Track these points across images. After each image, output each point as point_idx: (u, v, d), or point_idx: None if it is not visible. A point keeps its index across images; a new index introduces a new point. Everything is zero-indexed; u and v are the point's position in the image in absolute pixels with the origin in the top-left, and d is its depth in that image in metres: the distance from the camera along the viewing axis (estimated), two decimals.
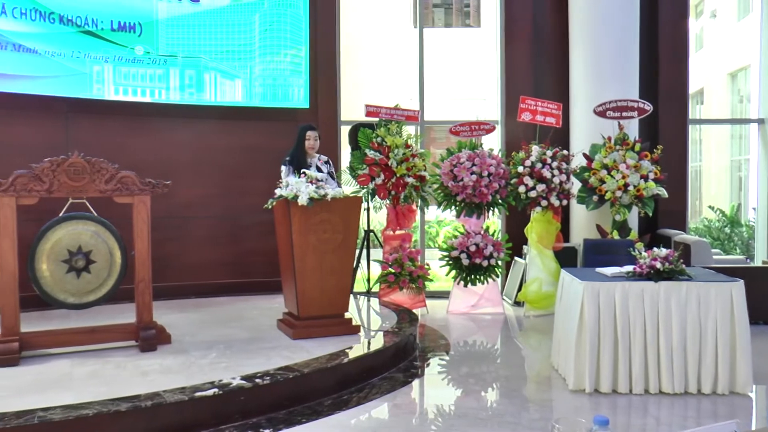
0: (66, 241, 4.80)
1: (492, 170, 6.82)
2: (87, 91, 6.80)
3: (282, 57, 7.53)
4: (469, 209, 6.96)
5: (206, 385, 3.92)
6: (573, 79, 7.85)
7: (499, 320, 6.89)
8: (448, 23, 11.82)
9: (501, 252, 7.09)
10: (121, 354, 4.77)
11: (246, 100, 7.45)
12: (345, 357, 4.62)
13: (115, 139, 6.90)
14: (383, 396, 4.42)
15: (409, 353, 5.33)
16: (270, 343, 5.03)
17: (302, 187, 4.96)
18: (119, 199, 4.88)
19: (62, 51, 6.65)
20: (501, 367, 5.31)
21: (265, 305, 6.56)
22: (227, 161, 7.51)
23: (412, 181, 6.80)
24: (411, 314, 6.02)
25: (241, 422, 3.84)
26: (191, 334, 5.41)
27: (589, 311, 4.36)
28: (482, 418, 4.03)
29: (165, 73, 7.11)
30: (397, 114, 7.16)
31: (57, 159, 4.70)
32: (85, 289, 4.88)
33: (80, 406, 3.57)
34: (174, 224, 7.14)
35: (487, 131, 7.36)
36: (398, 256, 6.86)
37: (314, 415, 4.02)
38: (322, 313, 5.20)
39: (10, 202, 4.58)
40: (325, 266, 5.13)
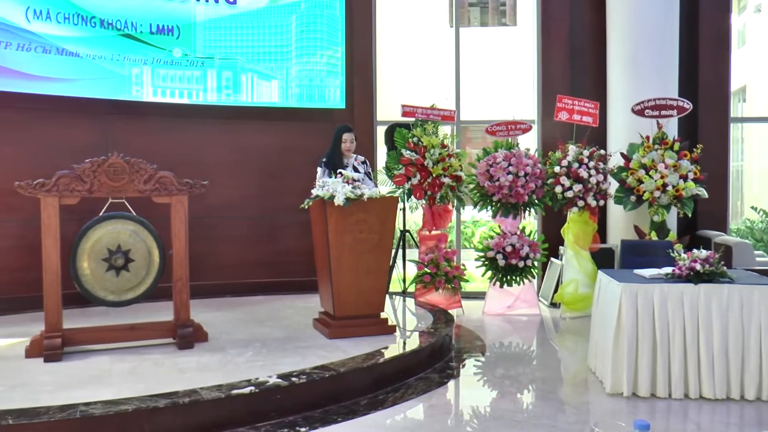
0: (106, 240, 4.89)
1: (528, 170, 6.77)
2: (126, 93, 6.92)
3: (318, 58, 7.57)
4: (506, 209, 6.91)
5: (243, 383, 3.96)
6: (610, 77, 7.75)
7: (535, 322, 6.84)
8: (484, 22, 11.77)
9: (537, 253, 7.03)
10: (159, 351, 4.84)
11: (282, 101, 7.50)
12: (381, 357, 4.62)
13: (153, 140, 7.00)
14: (419, 396, 4.41)
15: (445, 354, 5.32)
16: (306, 342, 5.06)
17: (339, 187, 4.98)
18: (157, 199, 4.95)
19: (102, 54, 6.78)
20: (537, 369, 5.26)
21: (301, 305, 6.60)
22: (264, 162, 7.57)
23: (448, 181, 6.79)
24: (447, 315, 6.00)
25: (277, 420, 3.86)
26: (228, 332, 5.46)
27: (627, 313, 4.29)
28: (518, 420, 3.99)
29: (202, 74, 7.20)
30: (433, 114, 7.16)
31: (97, 160, 4.78)
32: (124, 287, 4.96)
33: (120, 402, 3.64)
34: (211, 224, 7.23)
35: (524, 131, 7.30)
36: (434, 256, 6.84)
37: (350, 414, 4.03)
38: (358, 312, 5.21)
39: (53, 202, 4.68)
40: (361, 266, 5.13)
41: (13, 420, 3.40)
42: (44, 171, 4.95)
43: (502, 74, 9.69)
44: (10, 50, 6.35)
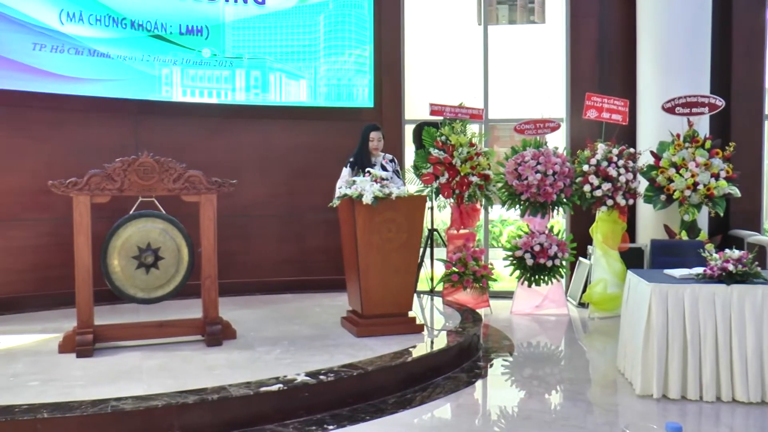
0: (136, 238, 4.94)
1: (557, 169, 6.72)
2: (156, 93, 7.00)
3: (346, 57, 7.59)
4: (534, 208, 6.87)
5: (271, 381, 3.98)
6: (640, 74, 7.66)
7: (564, 322, 6.79)
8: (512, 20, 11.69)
9: (565, 252, 6.97)
10: (188, 348, 4.88)
11: (311, 100, 7.53)
12: (408, 356, 4.62)
13: (182, 140, 7.07)
14: (446, 396, 4.40)
15: (473, 353, 5.30)
16: (334, 341, 5.08)
17: (367, 186, 4.98)
18: (187, 198, 5.00)
19: (133, 55, 6.86)
20: (565, 370, 5.22)
21: (329, 303, 6.62)
22: (292, 161, 7.60)
23: (476, 180, 6.77)
24: (474, 314, 5.98)
25: (305, 418, 3.88)
26: (256, 330, 5.49)
27: (657, 314, 4.24)
28: (546, 421, 3.97)
29: (231, 74, 7.25)
30: (461, 112, 7.14)
31: (128, 159, 4.84)
32: (154, 284, 5.01)
33: (150, 398, 3.69)
34: (240, 222, 7.28)
35: (552, 129, 7.25)
36: (462, 255, 6.82)
37: (378, 413, 4.03)
38: (385, 311, 5.20)
39: (85, 201, 4.74)
40: (389, 265, 5.13)
41: (48, 413, 3.46)
42: (76, 170, 5.03)
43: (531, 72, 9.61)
44: (44, 52, 6.45)
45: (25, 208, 6.58)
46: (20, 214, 6.58)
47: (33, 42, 6.41)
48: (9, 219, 6.54)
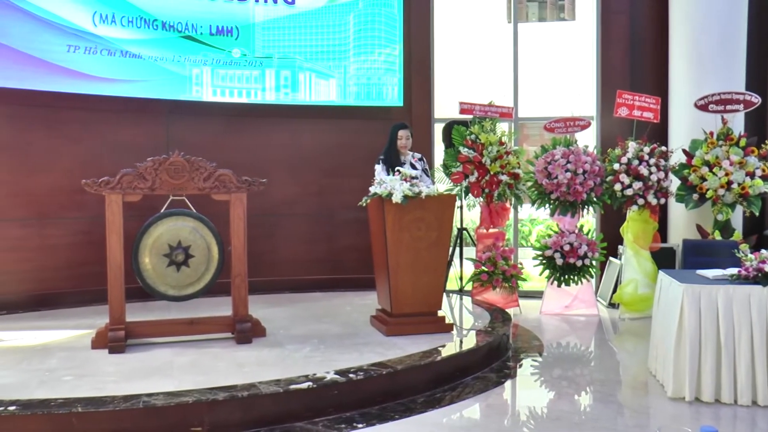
0: (167, 237, 4.99)
1: (587, 167, 6.66)
2: (186, 93, 7.06)
3: (376, 56, 7.60)
4: (564, 207, 6.82)
5: (301, 378, 4.00)
6: (672, 71, 7.55)
7: (593, 322, 6.72)
8: (542, 17, 11.61)
9: (596, 252, 6.91)
10: (218, 345, 4.92)
11: (340, 99, 7.56)
12: (438, 355, 4.60)
13: (213, 139, 7.13)
14: (476, 396, 4.38)
15: (502, 353, 5.27)
16: (363, 339, 5.08)
17: (396, 185, 4.98)
18: (217, 197, 5.03)
19: (164, 55, 6.94)
20: (595, 371, 5.17)
21: (359, 301, 6.64)
22: (321, 160, 7.63)
23: (505, 179, 6.74)
24: (504, 314, 5.95)
25: (335, 416, 3.88)
26: (285, 328, 5.52)
27: (690, 315, 4.17)
28: (576, 423, 3.93)
29: (261, 74, 7.30)
30: (491, 111, 7.12)
31: (159, 158, 4.89)
32: (184, 282, 5.06)
33: (181, 393, 3.72)
34: (269, 221, 7.32)
35: (583, 127, 7.17)
36: (491, 254, 6.80)
37: (407, 412, 4.02)
38: (415, 310, 5.20)
39: (117, 199, 4.80)
40: (419, 264, 5.12)
41: (82, 408, 3.52)
42: (109, 169, 5.10)
43: (561, 70, 9.53)
44: (78, 54, 6.56)
45: (59, 207, 6.69)
46: (55, 213, 6.70)
47: (67, 44, 6.52)
48: (45, 217, 6.66)
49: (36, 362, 4.51)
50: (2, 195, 6.47)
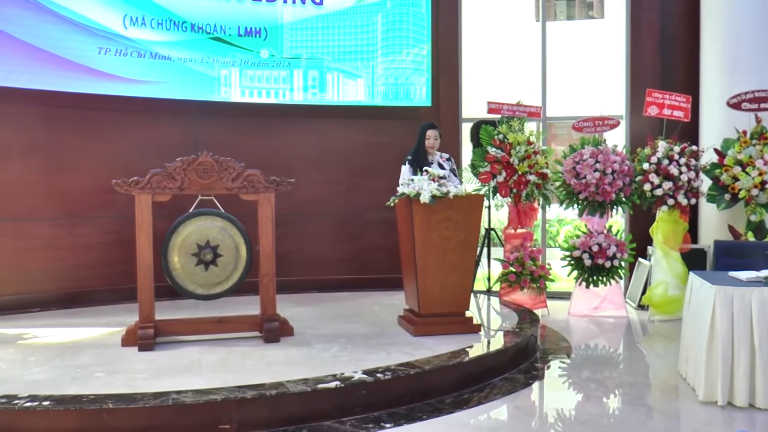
0: (195, 236, 5.03)
1: (616, 167, 6.59)
2: (215, 94, 7.12)
3: (404, 56, 7.60)
4: (592, 208, 6.76)
5: (328, 378, 4.00)
6: (704, 69, 7.43)
7: (622, 324, 6.65)
8: (571, 16, 11.52)
9: (624, 253, 6.83)
10: (246, 344, 4.95)
11: (368, 99, 7.57)
12: (466, 356, 4.59)
13: (241, 139, 7.17)
14: (503, 397, 4.35)
15: (530, 354, 5.24)
16: (391, 339, 5.08)
17: (425, 185, 4.97)
18: (245, 197, 5.06)
19: (193, 57, 7.01)
20: (624, 373, 5.11)
21: (386, 301, 6.64)
22: (349, 160, 7.65)
23: (533, 179, 6.71)
24: (532, 315, 5.92)
25: (362, 415, 3.88)
26: (313, 327, 5.54)
27: (722, 318, 4.08)
28: (605, 425, 3.88)
29: (289, 74, 7.33)
30: (519, 110, 7.08)
31: (188, 158, 4.92)
32: (213, 281, 5.09)
33: (209, 391, 3.74)
34: (297, 221, 7.34)
35: (612, 126, 7.10)
36: (519, 255, 6.77)
37: (435, 412, 4.01)
38: (442, 310, 5.18)
39: (146, 199, 4.85)
40: (447, 264, 5.11)
41: (113, 404, 3.57)
42: (138, 169, 5.14)
43: (589, 69, 9.44)
44: (108, 56, 6.65)
45: (90, 207, 6.78)
46: (86, 212, 6.79)
47: (98, 46, 6.62)
48: (76, 217, 6.76)
49: (68, 359, 4.58)
50: (35, 195, 6.57)
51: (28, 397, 3.63)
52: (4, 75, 6.23)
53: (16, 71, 6.27)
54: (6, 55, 6.22)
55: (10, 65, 6.24)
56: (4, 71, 6.22)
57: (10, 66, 6.24)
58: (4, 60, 6.21)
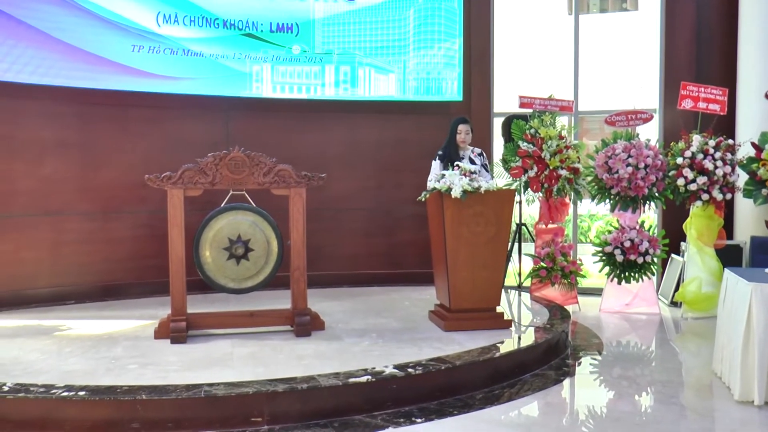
0: (227, 230, 5.06)
1: (649, 162, 6.50)
2: (247, 90, 7.16)
3: (436, 50, 7.56)
4: (624, 203, 6.67)
5: (360, 372, 4.01)
6: (741, 61, 7.28)
7: (655, 321, 6.55)
8: (604, 8, 11.38)
9: (657, 248, 6.74)
10: (278, 338, 4.97)
11: (400, 94, 7.55)
12: (496, 351, 4.56)
13: (272, 135, 7.19)
14: (534, 393, 4.32)
15: (561, 351, 5.19)
16: (422, 334, 5.07)
17: (456, 180, 4.95)
18: (276, 191, 5.08)
19: (225, 53, 7.04)
20: (656, 371, 5.03)
21: (417, 296, 6.62)
22: (381, 155, 7.64)
23: (565, 174, 6.64)
24: (563, 311, 5.87)
25: (393, 410, 3.88)
26: (344, 321, 5.55)
27: (758, 316, 4.00)
28: (637, 424, 3.82)
29: (321, 70, 7.34)
30: (550, 105, 7.03)
31: (219, 154, 4.96)
32: (244, 275, 5.13)
33: (241, 384, 3.77)
34: (328, 216, 7.35)
35: (645, 120, 7.00)
36: (550, 250, 6.71)
37: (465, 407, 3.99)
38: (473, 306, 5.17)
39: (178, 194, 4.90)
40: (478, 259, 5.09)
41: (146, 395, 3.62)
42: (171, 165, 5.19)
43: (623, 62, 9.32)
44: (142, 53, 6.72)
45: (124, 202, 6.87)
46: (119, 207, 6.88)
47: (132, 44, 6.68)
48: (110, 211, 6.85)
49: (103, 350, 4.64)
50: (70, 190, 6.68)
51: (64, 387, 3.69)
52: (42, 72, 6.32)
53: (53, 69, 6.36)
54: (44, 54, 6.32)
55: (47, 64, 6.33)
56: (42, 69, 6.32)
57: (49, 63, 6.34)
58: (42, 59, 6.31)
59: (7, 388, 3.70)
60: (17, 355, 4.54)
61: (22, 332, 5.25)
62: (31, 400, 3.60)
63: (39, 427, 3.55)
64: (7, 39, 6.16)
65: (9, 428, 3.56)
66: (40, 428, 3.55)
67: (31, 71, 6.27)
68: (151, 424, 3.57)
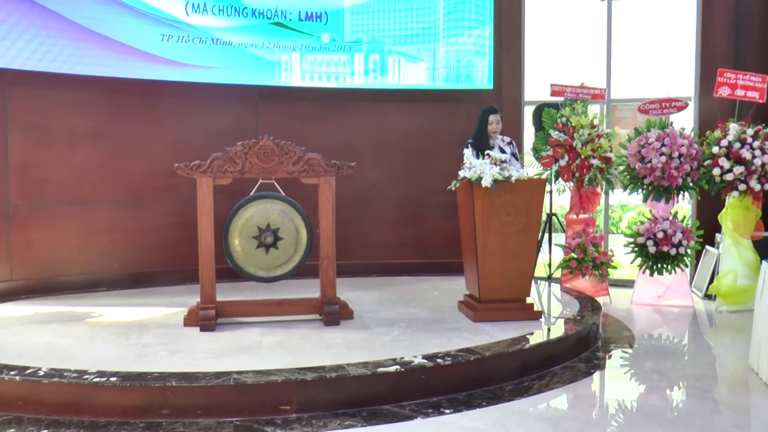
0: (256, 219, 5.10)
1: (683, 151, 6.41)
2: (276, 79, 7.18)
3: (466, 38, 7.51)
4: (658, 193, 6.59)
5: (388, 362, 4.01)
6: None
7: (688, 314, 6.46)
8: None
9: (691, 240, 6.64)
10: (306, 326, 5.00)
11: (429, 82, 7.53)
12: (526, 343, 4.54)
13: (301, 124, 7.22)
14: (564, 386, 4.28)
15: (592, 343, 5.15)
16: (451, 324, 5.06)
17: (486, 169, 4.92)
18: (305, 180, 5.10)
19: (254, 42, 7.07)
20: (689, 365, 4.96)
21: (446, 286, 6.62)
22: (409, 144, 7.63)
23: (597, 163, 6.59)
24: (594, 302, 5.81)
25: (422, 400, 3.88)
26: (373, 311, 5.56)
27: None
28: (668, 419, 3.77)
29: (350, 58, 7.34)
30: (582, 92, 6.97)
31: (248, 142, 4.99)
32: (273, 264, 5.16)
33: (270, 372, 3.80)
34: (358, 204, 7.36)
35: (679, 108, 6.88)
36: (581, 241, 6.67)
37: (494, 399, 3.98)
38: (503, 296, 5.15)
39: (207, 182, 4.94)
40: (508, 249, 5.07)
41: (176, 382, 3.66)
42: (200, 154, 5.22)
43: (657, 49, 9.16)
44: (171, 42, 6.77)
45: (153, 190, 6.95)
46: (149, 195, 6.96)
47: (161, 33, 6.74)
48: (140, 200, 6.93)
49: (133, 337, 4.71)
50: (100, 178, 6.77)
51: (96, 373, 3.75)
52: (74, 62, 6.40)
53: (84, 58, 6.44)
54: (76, 44, 6.40)
55: (79, 53, 6.41)
56: (74, 59, 6.40)
57: (80, 53, 6.41)
58: (74, 48, 6.39)
59: (42, 373, 3.77)
60: (51, 340, 4.63)
61: (55, 318, 5.35)
62: (65, 385, 3.66)
63: (73, 411, 3.62)
64: (41, 30, 6.25)
65: (45, 411, 3.65)
66: (74, 412, 3.62)
67: (63, 61, 6.35)
68: (181, 410, 3.61)
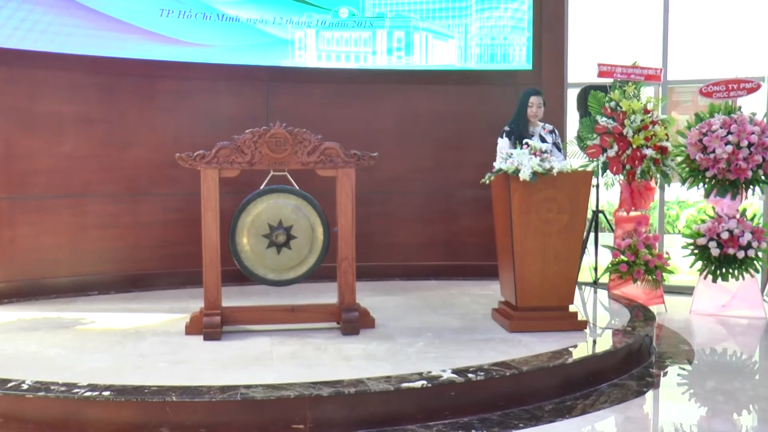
0: (267, 215, 5.12)
1: (753, 139, 6.36)
2: (288, 59, 7.21)
3: (501, 12, 7.50)
4: (722, 187, 6.55)
5: (414, 376, 4.01)
6: None
7: (758, 326, 6.42)
8: None
9: (762, 241, 6.59)
10: (322, 335, 5.02)
11: (460, 62, 7.52)
12: (569, 357, 4.53)
13: (317, 109, 7.26)
14: (612, 406, 4.25)
15: (644, 358, 5.13)
16: (483, 335, 5.07)
17: (524, 160, 4.91)
18: (322, 172, 5.11)
19: (264, 17, 7.10)
20: (760, 385, 4.92)
21: (479, 292, 6.64)
22: (439, 131, 7.64)
23: (650, 153, 6.56)
24: (646, 312, 5.79)
25: (451, 420, 3.88)
26: (397, 319, 5.57)
27: None
28: None
29: (371, 36, 7.35)
30: (634, 73, 6.93)
31: (259, 130, 5.00)
32: (285, 265, 5.18)
33: (281, 387, 3.81)
34: (380, 199, 7.40)
35: (749, 91, 6.82)
36: (632, 241, 6.65)
37: (532, 420, 3.97)
38: (543, 304, 5.15)
39: (213, 175, 4.96)
40: (548, 251, 5.06)
41: (177, 397, 3.68)
42: (204, 142, 5.27)
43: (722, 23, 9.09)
44: (171, 18, 6.81)
45: (152, 182, 7.02)
46: (148, 189, 7.03)
47: (160, 8, 6.78)
48: (137, 193, 7.01)
49: (129, 346, 4.76)
50: (94, 169, 6.84)
51: (87, 386, 3.78)
52: (62, 41, 6.42)
53: (73, 36, 6.47)
54: (64, 20, 6.41)
55: (67, 31, 6.43)
56: (62, 36, 6.42)
57: (69, 30, 6.44)
58: (62, 25, 6.41)
59: (27, 387, 3.80)
60: (36, 350, 4.68)
61: (41, 325, 5.41)
62: (51, 400, 3.69)
63: (60, 428, 3.66)
64: (24, 3, 6.28)
65: (29, 429, 3.68)
66: (62, 430, 3.65)
67: (49, 39, 6.41)
68: (182, 428, 3.63)
